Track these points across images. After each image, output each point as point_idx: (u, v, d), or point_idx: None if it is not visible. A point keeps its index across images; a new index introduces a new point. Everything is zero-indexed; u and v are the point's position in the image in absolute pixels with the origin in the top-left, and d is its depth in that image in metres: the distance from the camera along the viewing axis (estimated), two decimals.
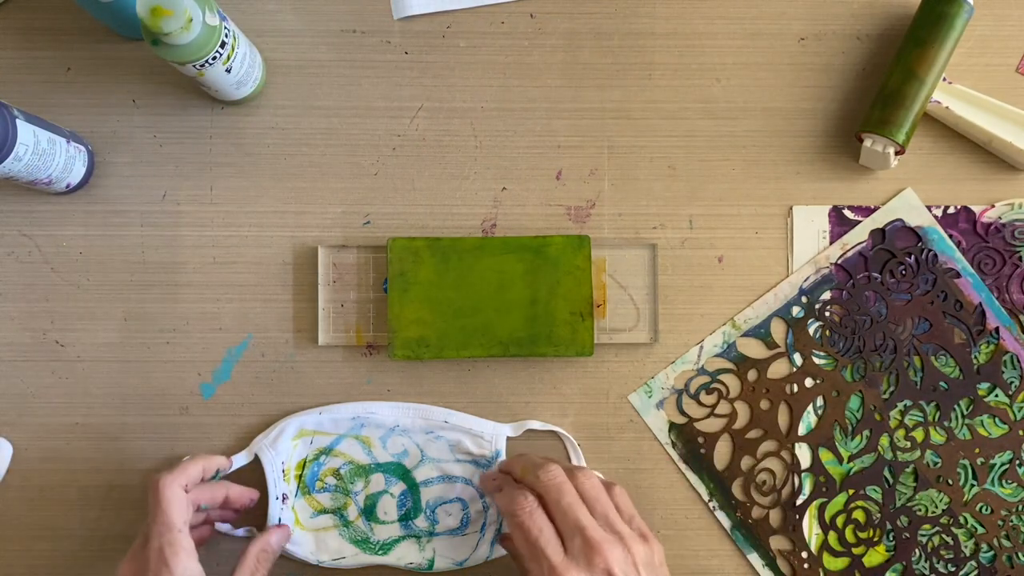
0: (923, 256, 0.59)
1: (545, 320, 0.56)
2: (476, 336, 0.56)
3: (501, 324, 0.56)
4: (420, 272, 0.56)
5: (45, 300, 0.58)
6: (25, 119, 0.51)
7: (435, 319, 0.56)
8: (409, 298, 0.56)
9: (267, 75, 0.59)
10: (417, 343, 0.55)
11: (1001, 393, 0.58)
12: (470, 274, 0.56)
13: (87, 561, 0.58)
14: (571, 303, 0.56)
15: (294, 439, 0.57)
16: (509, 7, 0.60)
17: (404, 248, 0.56)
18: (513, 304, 0.56)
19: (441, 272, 0.56)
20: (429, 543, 0.57)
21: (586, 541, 0.45)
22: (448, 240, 0.56)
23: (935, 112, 0.58)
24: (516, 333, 0.56)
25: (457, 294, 0.56)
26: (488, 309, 0.56)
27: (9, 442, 0.58)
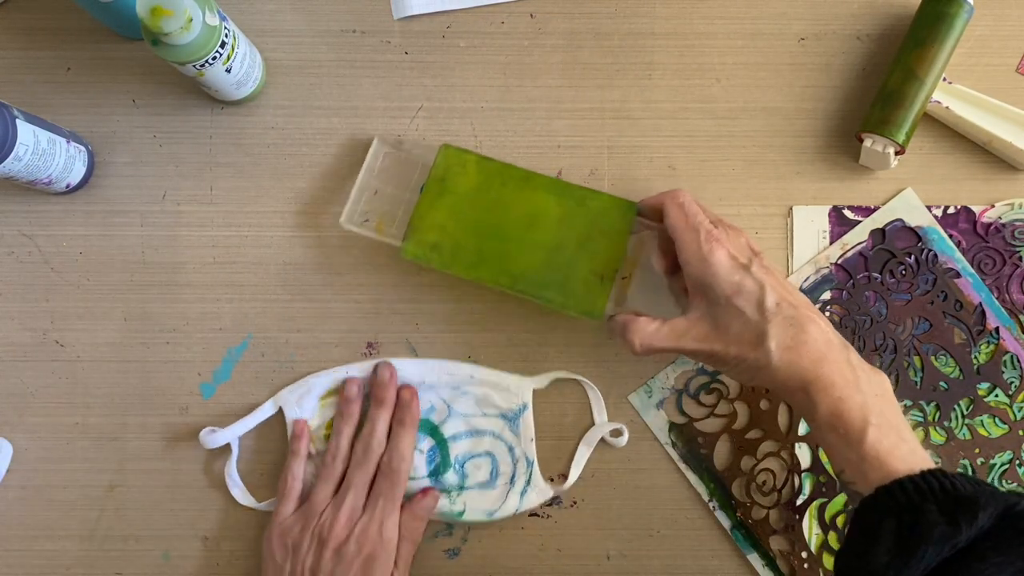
0: (923, 256, 0.59)
1: (563, 269, 0.54)
2: (489, 261, 0.54)
3: (518, 258, 0.54)
4: (460, 183, 0.55)
5: (45, 300, 0.58)
6: (25, 119, 0.51)
7: (456, 231, 0.54)
8: (439, 204, 0.54)
9: (267, 75, 0.59)
10: (431, 247, 0.54)
11: (1001, 393, 0.58)
12: (506, 201, 0.55)
13: (87, 561, 0.58)
14: (596, 263, 0.54)
15: (322, 399, 0.57)
16: (509, 7, 0.60)
17: (454, 157, 0.55)
18: (537, 244, 0.54)
19: (480, 190, 0.55)
20: (459, 496, 0.57)
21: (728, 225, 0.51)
22: (499, 164, 0.55)
23: (935, 112, 0.58)
24: (529, 271, 0.54)
25: (486, 216, 0.54)
26: (511, 239, 0.54)
27: (9, 442, 0.58)
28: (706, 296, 0.48)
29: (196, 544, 0.58)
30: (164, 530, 0.58)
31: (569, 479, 0.57)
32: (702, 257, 0.48)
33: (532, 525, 0.58)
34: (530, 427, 0.57)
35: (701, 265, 0.48)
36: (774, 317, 0.47)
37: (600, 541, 0.58)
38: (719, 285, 0.48)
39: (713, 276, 0.48)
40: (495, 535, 0.58)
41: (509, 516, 0.57)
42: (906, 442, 0.45)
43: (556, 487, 0.57)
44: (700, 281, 0.48)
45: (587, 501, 0.58)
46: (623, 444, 0.58)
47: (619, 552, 0.58)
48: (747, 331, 0.47)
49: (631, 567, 0.58)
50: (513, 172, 0.55)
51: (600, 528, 0.58)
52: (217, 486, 0.58)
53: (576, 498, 0.58)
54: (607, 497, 0.58)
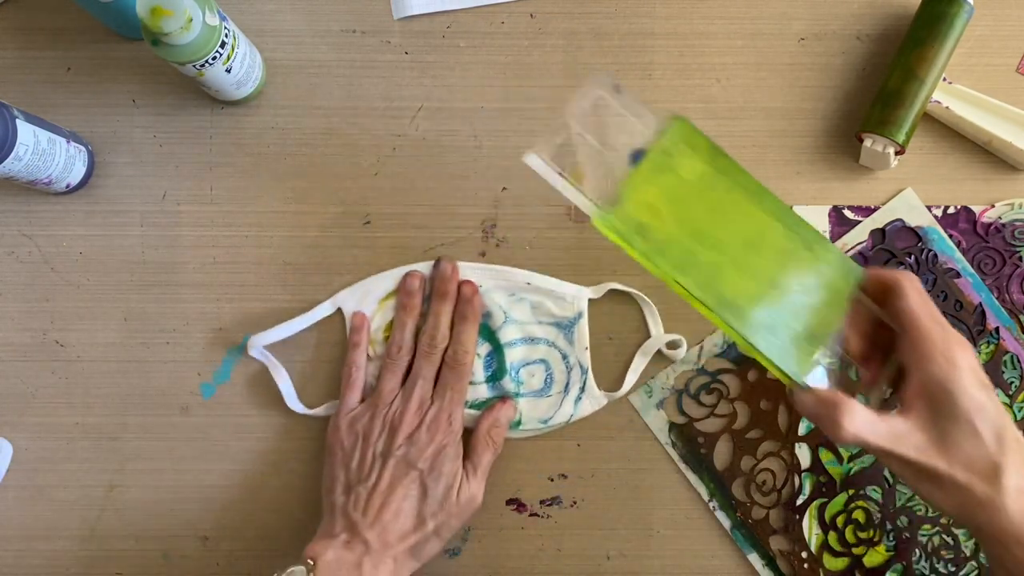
0: (923, 256, 0.59)
1: (776, 313, 0.45)
2: (699, 270, 0.45)
3: (731, 279, 0.45)
4: (686, 167, 0.46)
5: (45, 300, 0.58)
6: (25, 119, 0.51)
7: (670, 220, 0.45)
8: (658, 181, 0.46)
9: (267, 75, 0.59)
10: (637, 227, 0.45)
11: (1001, 393, 0.58)
12: (730, 209, 0.46)
13: (87, 561, 0.58)
14: (811, 320, 0.46)
15: (381, 301, 0.58)
16: (509, 7, 0.60)
17: (687, 134, 0.47)
18: (755, 273, 0.46)
19: (706, 184, 0.46)
20: (517, 404, 0.58)
21: None
22: (733, 162, 0.47)
23: (935, 112, 0.58)
24: (740, 300, 0.45)
25: (707, 216, 0.46)
26: (727, 255, 0.46)
27: (9, 442, 0.58)
28: (936, 403, 0.42)
29: (196, 544, 0.58)
30: (164, 530, 0.58)
31: (624, 386, 0.57)
32: (949, 358, 0.42)
33: (532, 525, 0.58)
34: (585, 336, 0.57)
35: (946, 367, 0.42)
36: (1013, 454, 0.42)
37: (600, 541, 0.58)
38: (960, 396, 0.42)
39: (956, 384, 0.42)
40: (495, 535, 0.58)
41: (563, 423, 0.58)
42: None
43: (610, 394, 0.57)
44: (939, 385, 0.42)
45: (587, 501, 0.58)
46: (680, 356, 0.58)
47: (619, 552, 0.58)
48: (980, 458, 0.42)
49: (631, 567, 0.58)
50: (746, 180, 0.47)
51: (600, 528, 0.58)
52: (217, 486, 0.58)
53: (576, 498, 0.58)
54: (607, 497, 0.58)
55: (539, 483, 0.58)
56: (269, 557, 0.58)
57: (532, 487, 0.58)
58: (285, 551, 0.58)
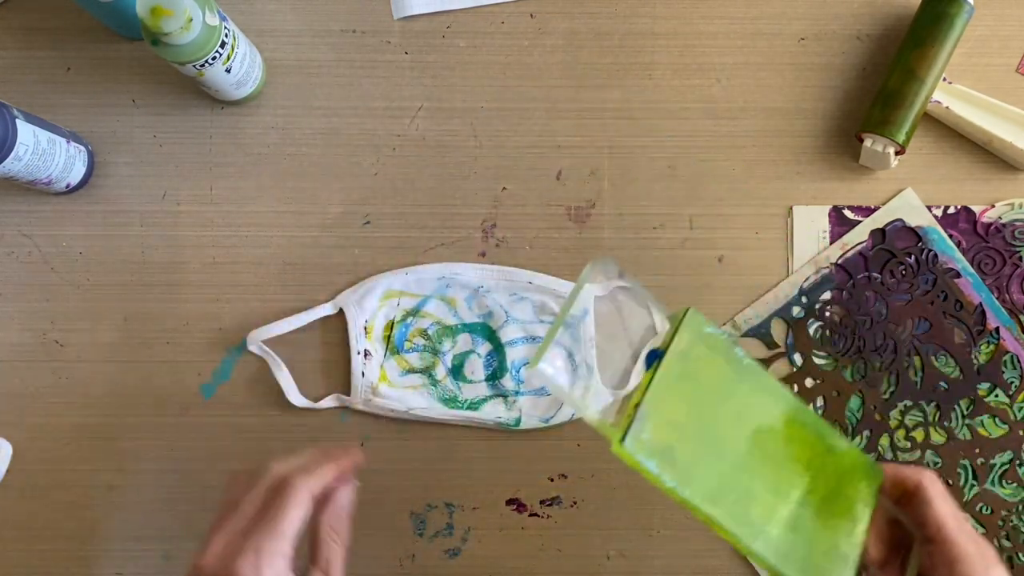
0: (923, 256, 0.59)
1: (808, 535, 0.40)
2: (730, 497, 0.39)
3: (762, 503, 0.40)
4: (704, 371, 0.40)
5: (45, 300, 0.58)
6: (25, 119, 0.51)
7: (694, 436, 0.39)
8: (678, 391, 0.39)
9: (267, 75, 0.59)
10: (663, 452, 0.38)
11: (1001, 393, 0.58)
12: (753, 419, 0.41)
13: (87, 561, 0.58)
14: (840, 536, 0.41)
15: (381, 300, 0.58)
16: (509, 7, 0.60)
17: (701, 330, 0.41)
18: (784, 490, 0.40)
19: (727, 391, 0.41)
20: (515, 402, 0.58)
21: None
22: (748, 361, 0.42)
23: (935, 112, 0.58)
24: (772, 527, 0.39)
25: (733, 431, 0.40)
26: (757, 474, 0.40)
27: (9, 442, 0.58)
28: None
29: (196, 544, 0.58)
30: (164, 530, 0.58)
31: (630, 384, 0.56)
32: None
33: (532, 525, 0.58)
34: (591, 333, 0.55)
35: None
36: None
37: (600, 541, 0.58)
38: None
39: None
40: (495, 535, 0.58)
41: (565, 422, 0.57)
42: None
43: (616, 392, 0.57)
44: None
45: (587, 501, 0.58)
46: None
47: (619, 552, 0.58)
48: None
49: (631, 567, 0.58)
50: (763, 380, 0.42)
51: (600, 528, 0.58)
52: (217, 486, 0.58)
53: (576, 498, 0.58)
54: (607, 497, 0.58)
55: (539, 483, 0.58)
56: None
57: (532, 487, 0.58)
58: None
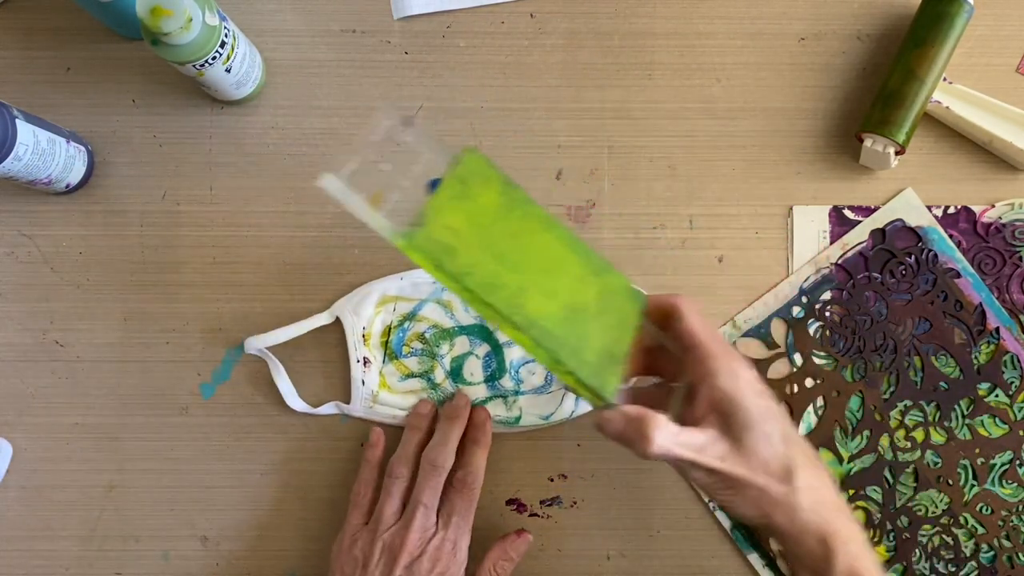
0: (923, 256, 0.59)
1: (578, 333, 0.46)
2: (505, 291, 0.45)
3: (536, 300, 0.45)
4: (482, 196, 0.46)
5: (45, 300, 0.58)
6: (25, 119, 0.51)
7: (472, 243, 0.45)
8: (458, 207, 0.45)
9: (267, 75, 0.59)
10: (444, 248, 0.44)
11: (1001, 393, 0.58)
12: (527, 237, 0.47)
13: (87, 561, 0.58)
14: (608, 340, 0.47)
15: (377, 306, 0.57)
16: (509, 7, 0.60)
17: (480, 165, 0.47)
18: (555, 295, 0.46)
19: (502, 212, 0.47)
20: (515, 402, 0.57)
21: None
22: (524, 194, 0.48)
23: (935, 112, 0.58)
24: (545, 319, 0.45)
25: (506, 242, 0.46)
26: (529, 279, 0.46)
27: (9, 442, 0.58)
28: (729, 415, 0.44)
29: (196, 544, 0.58)
30: (164, 530, 0.58)
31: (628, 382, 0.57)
32: (733, 372, 0.45)
33: (532, 525, 0.58)
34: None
35: (732, 380, 0.45)
36: (798, 453, 0.45)
37: (600, 541, 0.58)
38: (748, 405, 0.44)
39: (744, 395, 0.44)
40: (495, 535, 0.58)
41: (565, 419, 0.58)
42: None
43: None
44: (728, 398, 0.44)
45: (587, 501, 0.58)
46: None
47: (619, 552, 0.58)
48: (774, 460, 0.44)
49: (631, 567, 0.58)
50: (536, 210, 0.48)
51: (600, 528, 0.58)
52: (217, 486, 0.58)
53: (576, 498, 0.58)
54: (607, 497, 0.58)
55: (539, 483, 0.58)
56: (269, 557, 0.58)
57: (532, 487, 0.58)
58: (285, 551, 0.58)
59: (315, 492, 0.58)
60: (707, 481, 0.45)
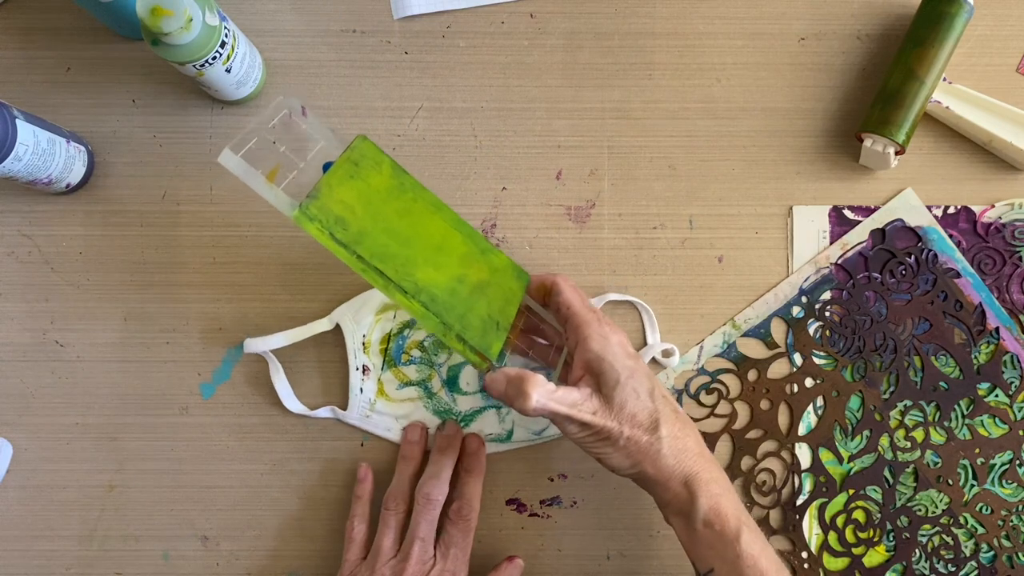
0: (923, 256, 0.59)
1: (464, 301, 0.50)
2: (395, 260, 0.48)
3: (424, 270, 0.49)
4: (373, 177, 0.50)
5: (45, 300, 0.58)
6: (25, 119, 0.51)
7: (364, 217, 0.48)
8: (350, 185, 0.49)
9: (267, 75, 0.59)
10: (336, 219, 0.47)
11: (1001, 393, 0.58)
12: (415, 216, 0.51)
13: (87, 561, 0.58)
14: (492, 309, 0.51)
15: (377, 314, 0.58)
16: (509, 7, 0.60)
17: (371, 151, 0.51)
18: (443, 268, 0.51)
19: (392, 193, 0.51)
20: (508, 414, 0.58)
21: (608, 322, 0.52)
22: (413, 179, 0.53)
23: (935, 112, 0.58)
24: (433, 287, 0.49)
25: (396, 219, 0.50)
26: (418, 253, 0.50)
27: (9, 442, 0.58)
28: (600, 373, 0.49)
29: (196, 544, 0.58)
30: (164, 530, 0.58)
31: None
32: (603, 335, 0.49)
33: (532, 525, 0.58)
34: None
35: (602, 343, 0.49)
36: (664, 407, 0.49)
37: (600, 541, 0.58)
38: (617, 364, 0.48)
39: (613, 355, 0.49)
40: (495, 535, 0.58)
41: (557, 435, 0.58)
42: (769, 548, 0.48)
43: None
44: (598, 358, 0.49)
45: (587, 501, 0.58)
46: (674, 364, 0.58)
47: (619, 552, 0.58)
48: (641, 413, 0.48)
49: (631, 567, 0.58)
50: (425, 194, 0.53)
51: (600, 528, 0.58)
52: (217, 486, 0.58)
53: (576, 498, 0.58)
54: (607, 497, 0.58)
55: (539, 483, 0.58)
56: (269, 557, 0.58)
57: (532, 487, 0.58)
58: (285, 551, 0.58)
59: (315, 492, 0.58)
60: (581, 435, 0.48)
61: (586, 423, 0.47)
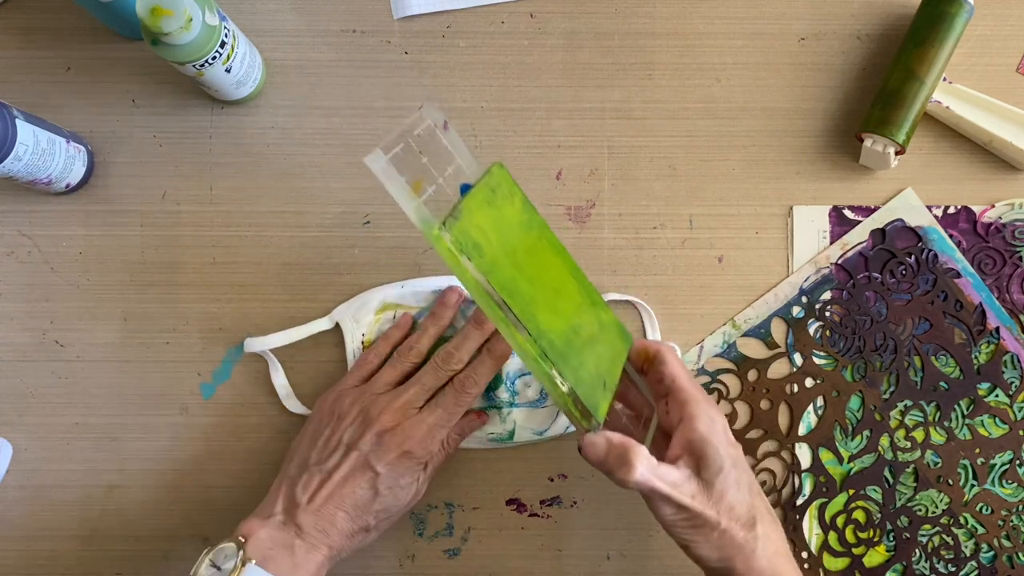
0: (923, 256, 0.59)
1: (577, 353, 0.47)
2: (521, 297, 0.45)
3: (545, 313, 0.47)
4: (506, 208, 0.48)
5: (45, 300, 0.58)
6: (25, 119, 0.51)
7: (497, 246, 0.46)
8: (487, 212, 0.46)
9: (267, 75, 0.59)
10: (473, 244, 0.44)
11: (1001, 393, 0.58)
12: (541, 255, 0.49)
13: (87, 561, 0.58)
14: (601, 367, 0.49)
15: (377, 313, 0.57)
16: (509, 7, 0.60)
17: (506, 181, 0.49)
18: (561, 313, 0.48)
19: (523, 228, 0.49)
20: (510, 414, 0.57)
21: None
22: (539, 216, 0.51)
23: (935, 112, 0.58)
24: (551, 335, 0.46)
25: (524, 256, 0.48)
26: (540, 293, 0.47)
27: (9, 442, 0.58)
28: (703, 457, 0.46)
29: (196, 544, 0.58)
30: (164, 530, 0.58)
31: None
32: (710, 418, 0.47)
33: (532, 525, 0.58)
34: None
35: (709, 425, 0.47)
36: (760, 503, 0.47)
37: (600, 541, 0.58)
38: (721, 450, 0.46)
39: (718, 440, 0.46)
40: (495, 535, 0.58)
41: (559, 434, 0.58)
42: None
43: None
44: (703, 440, 0.46)
45: (587, 501, 0.58)
46: None
47: (619, 552, 0.58)
48: (740, 506, 0.46)
49: (631, 567, 0.58)
50: (549, 234, 0.51)
51: (600, 528, 0.58)
52: (217, 486, 0.58)
53: (576, 498, 0.58)
54: (607, 497, 0.58)
55: (539, 483, 0.58)
56: None
57: (532, 487, 0.58)
58: None
59: None
60: (675, 518, 0.46)
61: (684, 506, 0.45)
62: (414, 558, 0.58)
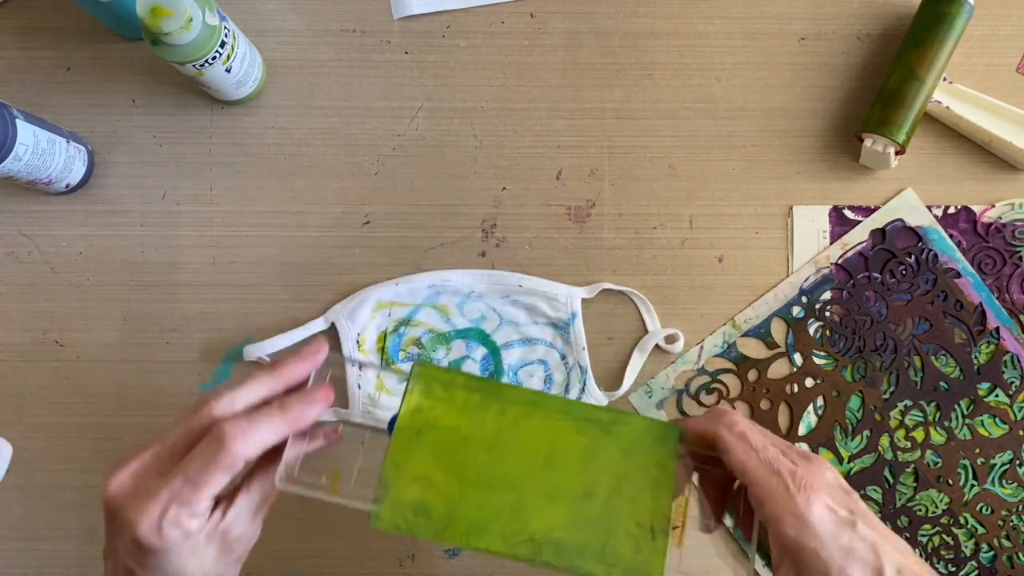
0: (923, 256, 0.59)
1: (600, 525, 0.40)
2: (499, 521, 0.40)
3: (538, 513, 0.40)
4: (444, 414, 0.42)
5: (45, 300, 0.58)
6: (25, 119, 0.51)
7: (447, 483, 0.41)
8: (419, 445, 0.41)
9: (267, 75, 0.59)
10: (415, 509, 0.40)
11: (1001, 393, 0.58)
12: (511, 436, 0.42)
13: (87, 561, 0.58)
14: (640, 511, 0.41)
15: (373, 311, 0.58)
16: (509, 7, 0.60)
17: (433, 378, 0.43)
18: (561, 492, 0.41)
19: (473, 422, 0.42)
20: None
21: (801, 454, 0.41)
22: (494, 384, 0.44)
23: (935, 112, 0.58)
24: (555, 531, 0.40)
25: (488, 458, 0.41)
26: (526, 487, 0.41)
27: (9, 442, 0.58)
28: (803, 564, 0.38)
29: None
30: None
31: (624, 385, 0.57)
32: (798, 514, 0.38)
33: None
34: (581, 336, 0.57)
35: (798, 524, 0.38)
36: None
37: None
38: (825, 551, 0.38)
39: (817, 539, 0.38)
40: None
41: None
42: None
43: (610, 394, 0.57)
44: (796, 545, 0.38)
45: None
46: (679, 350, 0.58)
47: None
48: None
49: None
50: (514, 394, 0.43)
51: None
52: None
53: None
54: None
55: None
56: (269, 557, 0.58)
57: None
58: (285, 551, 0.58)
59: None
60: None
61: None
62: (414, 558, 0.58)
